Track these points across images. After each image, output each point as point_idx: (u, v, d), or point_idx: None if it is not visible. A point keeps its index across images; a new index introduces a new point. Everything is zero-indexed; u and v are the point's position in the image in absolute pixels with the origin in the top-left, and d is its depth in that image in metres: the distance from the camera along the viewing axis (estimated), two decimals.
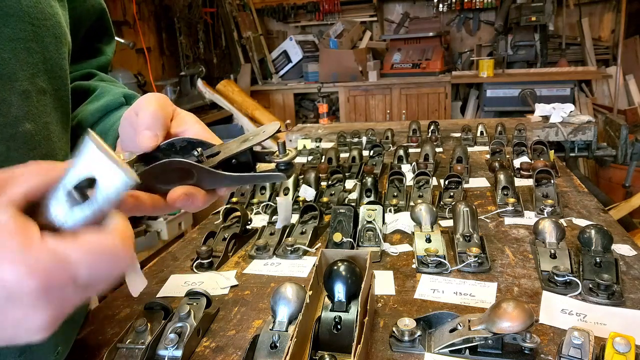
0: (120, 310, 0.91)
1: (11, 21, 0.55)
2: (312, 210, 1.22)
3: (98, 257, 0.36)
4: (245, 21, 5.64)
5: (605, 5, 5.22)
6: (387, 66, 5.28)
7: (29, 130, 0.57)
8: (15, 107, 0.56)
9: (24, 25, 0.56)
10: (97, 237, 0.36)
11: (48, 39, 0.60)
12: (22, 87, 0.56)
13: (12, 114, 0.55)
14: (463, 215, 1.08)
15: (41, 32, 0.59)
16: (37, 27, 0.58)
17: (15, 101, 0.55)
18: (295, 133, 2.64)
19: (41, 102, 0.59)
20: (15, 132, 0.56)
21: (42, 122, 0.60)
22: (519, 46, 5.00)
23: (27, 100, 0.57)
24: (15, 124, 0.56)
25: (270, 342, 0.70)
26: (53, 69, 0.62)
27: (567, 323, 0.77)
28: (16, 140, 0.56)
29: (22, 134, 0.56)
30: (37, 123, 0.59)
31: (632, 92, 4.96)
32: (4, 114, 0.54)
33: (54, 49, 0.61)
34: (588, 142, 2.42)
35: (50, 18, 0.61)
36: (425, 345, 0.73)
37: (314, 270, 0.79)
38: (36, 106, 0.59)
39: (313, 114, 5.58)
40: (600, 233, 0.95)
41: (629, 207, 2.74)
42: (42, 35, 0.59)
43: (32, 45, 0.58)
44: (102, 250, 0.36)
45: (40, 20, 0.59)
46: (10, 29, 0.55)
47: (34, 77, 0.58)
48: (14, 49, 0.55)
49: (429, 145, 1.76)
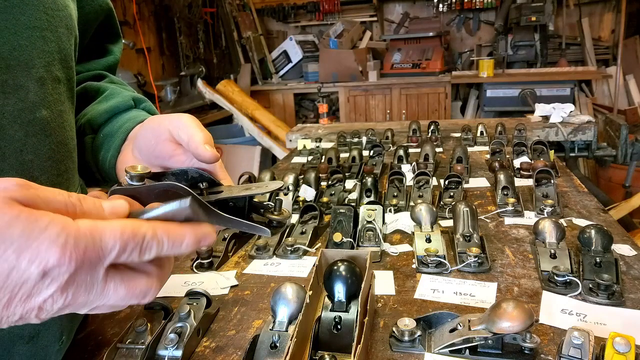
0: (120, 310, 0.91)
1: (27, 9, 0.56)
2: (312, 210, 1.22)
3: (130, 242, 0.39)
4: (245, 21, 5.64)
5: (605, 5, 5.22)
6: (387, 66, 5.29)
7: (45, 117, 0.59)
8: (32, 93, 0.57)
9: (39, 14, 0.58)
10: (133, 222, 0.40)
11: (61, 29, 0.62)
12: (38, 74, 0.58)
13: (30, 99, 0.57)
14: (463, 215, 1.08)
15: (55, 22, 0.60)
16: (51, 16, 0.60)
17: (32, 87, 0.57)
18: (295, 133, 2.64)
19: (56, 90, 0.61)
20: (32, 117, 0.57)
21: (57, 110, 0.61)
22: (519, 46, 5.00)
23: (43, 88, 0.59)
24: (32, 110, 0.57)
25: (270, 342, 0.70)
26: (66, 59, 0.63)
27: (567, 323, 0.77)
28: (34, 125, 0.57)
29: (39, 120, 0.58)
30: (52, 110, 0.60)
31: (632, 92, 4.96)
32: (22, 99, 0.56)
33: (66, 39, 0.63)
34: (588, 142, 2.42)
35: (62, 9, 0.62)
36: (425, 345, 0.73)
37: (314, 270, 0.79)
38: (51, 94, 0.60)
39: (313, 114, 5.58)
40: (600, 233, 0.95)
41: (629, 207, 2.74)
42: (55, 25, 0.61)
43: (47, 34, 0.59)
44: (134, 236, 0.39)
45: (53, 11, 0.60)
46: (27, 17, 0.56)
47: (49, 66, 0.60)
48: (30, 36, 0.57)
49: (429, 145, 1.76)
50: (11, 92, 0.54)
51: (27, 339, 0.61)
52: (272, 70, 5.68)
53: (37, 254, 0.35)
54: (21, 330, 0.60)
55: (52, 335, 0.65)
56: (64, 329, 0.67)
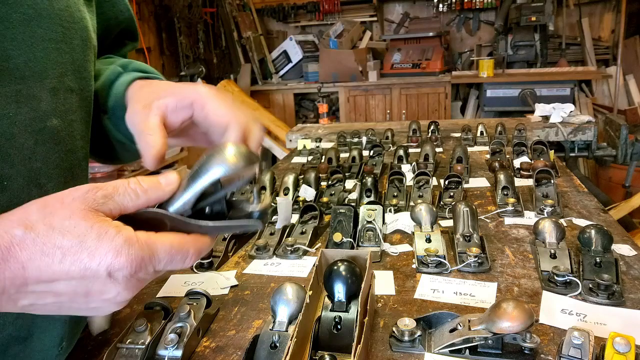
0: (120, 310, 0.90)
1: (44, 22, 0.59)
2: (312, 210, 1.22)
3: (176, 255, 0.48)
4: (245, 21, 5.64)
5: (605, 5, 5.22)
6: (387, 66, 5.29)
7: (55, 126, 0.60)
8: (44, 102, 0.59)
9: (55, 27, 0.60)
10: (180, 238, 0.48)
11: (76, 41, 0.64)
12: (51, 84, 0.60)
13: (42, 109, 0.59)
14: (463, 215, 1.08)
15: (70, 34, 0.63)
16: (67, 29, 0.62)
17: (44, 97, 0.59)
18: (295, 133, 2.64)
19: (68, 100, 0.63)
20: (43, 126, 0.59)
21: (68, 119, 0.63)
22: (519, 46, 5.00)
23: (56, 97, 0.61)
24: (43, 119, 0.59)
25: (270, 342, 0.70)
26: (79, 70, 0.65)
27: (567, 323, 0.77)
28: (43, 134, 0.59)
29: (49, 129, 0.60)
30: (63, 120, 0.62)
31: (632, 92, 4.96)
32: (34, 109, 0.58)
33: (80, 51, 0.65)
34: (588, 142, 2.42)
35: (78, 22, 0.65)
36: (425, 345, 0.73)
37: (314, 270, 0.79)
38: (63, 103, 0.62)
39: (313, 114, 5.58)
40: (600, 233, 0.95)
41: (629, 207, 2.74)
42: (70, 37, 0.63)
43: (62, 46, 0.61)
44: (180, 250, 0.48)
45: (69, 23, 0.63)
46: (43, 29, 0.59)
47: (63, 76, 0.62)
48: (46, 48, 0.59)
49: (429, 145, 1.76)
50: (24, 102, 0.56)
51: (20, 340, 0.61)
52: (272, 70, 5.68)
53: (105, 258, 0.43)
54: (17, 331, 0.60)
55: (50, 340, 0.65)
56: (64, 334, 0.68)
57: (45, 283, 0.44)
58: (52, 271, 0.43)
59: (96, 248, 0.43)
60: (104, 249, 0.43)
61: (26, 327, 0.61)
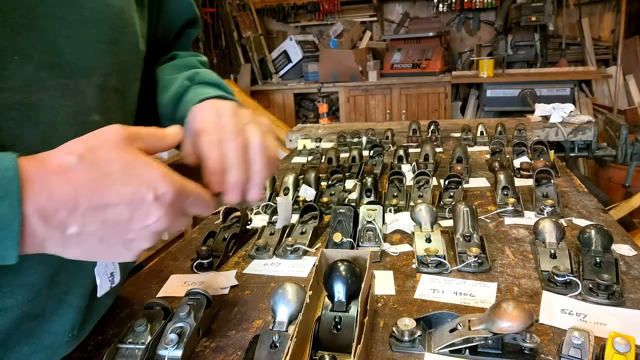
0: (120, 310, 0.91)
1: (98, 25, 0.64)
2: (312, 210, 1.22)
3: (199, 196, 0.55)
4: (245, 21, 5.64)
5: (605, 5, 5.22)
6: (387, 66, 5.29)
7: (96, 121, 0.64)
8: (89, 98, 0.64)
9: (108, 29, 0.65)
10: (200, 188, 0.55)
11: (125, 44, 0.69)
12: (97, 82, 0.64)
13: (86, 104, 0.63)
14: (463, 215, 1.08)
15: (120, 38, 0.68)
16: (118, 32, 0.67)
17: (89, 93, 0.64)
18: (295, 133, 2.64)
19: (111, 98, 0.68)
20: (85, 120, 0.63)
21: (108, 117, 0.66)
22: (519, 46, 5.01)
23: (100, 95, 0.65)
24: (86, 113, 0.63)
25: (270, 342, 0.70)
26: (125, 71, 0.71)
27: (567, 323, 0.77)
28: (84, 128, 0.61)
29: (90, 123, 0.63)
30: (104, 116, 0.66)
31: (632, 92, 4.96)
32: (78, 103, 0.62)
33: (127, 54, 0.71)
34: (588, 142, 2.42)
35: (129, 27, 0.70)
36: (425, 345, 0.73)
37: (314, 270, 0.79)
38: (106, 101, 0.67)
39: (313, 114, 5.58)
40: (600, 233, 0.95)
41: (629, 207, 2.74)
42: (120, 41, 0.68)
43: (112, 47, 0.66)
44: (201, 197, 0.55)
45: (121, 28, 0.68)
46: (97, 31, 0.64)
47: (108, 76, 0.66)
48: (96, 48, 0.64)
49: (429, 145, 1.76)
50: (70, 96, 0.61)
51: (32, 317, 0.64)
52: (272, 70, 5.68)
53: (153, 183, 0.49)
54: (32, 309, 0.63)
55: (61, 324, 0.67)
56: (75, 322, 0.70)
57: (95, 208, 0.47)
58: (103, 194, 0.47)
59: (144, 174, 0.49)
60: (152, 174, 0.49)
61: (40, 306, 0.64)
